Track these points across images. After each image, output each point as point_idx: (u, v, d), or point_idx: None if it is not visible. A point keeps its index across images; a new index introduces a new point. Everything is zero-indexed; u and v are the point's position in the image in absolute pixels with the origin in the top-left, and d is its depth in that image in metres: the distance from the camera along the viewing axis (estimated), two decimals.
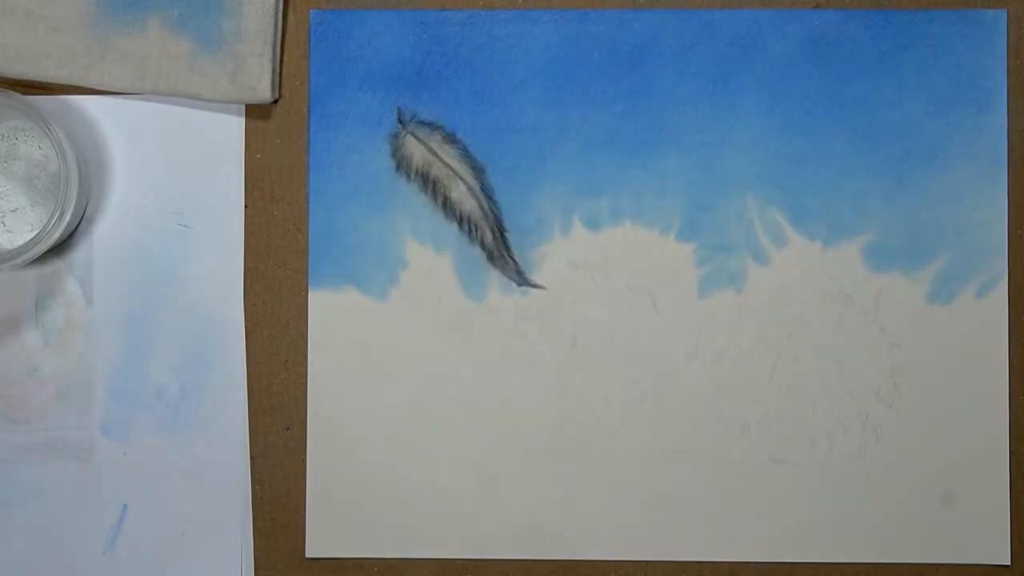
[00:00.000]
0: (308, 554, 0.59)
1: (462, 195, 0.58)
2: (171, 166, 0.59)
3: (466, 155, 0.58)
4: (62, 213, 0.55)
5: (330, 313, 0.58)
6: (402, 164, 0.58)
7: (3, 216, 0.58)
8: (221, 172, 0.59)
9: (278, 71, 0.58)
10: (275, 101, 0.58)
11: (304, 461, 0.58)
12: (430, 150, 0.58)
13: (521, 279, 0.58)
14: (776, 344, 0.58)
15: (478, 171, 0.58)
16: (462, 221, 0.58)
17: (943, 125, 0.58)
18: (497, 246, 0.58)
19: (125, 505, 0.59)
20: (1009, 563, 0.58)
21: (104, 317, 0.59)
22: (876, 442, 0.58)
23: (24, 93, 0.57)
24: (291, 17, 0.58)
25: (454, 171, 0.58)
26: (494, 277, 0.58)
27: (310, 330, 0.58)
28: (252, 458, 0.59)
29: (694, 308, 0.58)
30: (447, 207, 0.58)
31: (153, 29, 0.57)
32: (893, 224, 0.58)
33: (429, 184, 0.58)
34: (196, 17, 0.57)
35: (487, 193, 0.58)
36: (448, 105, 0.58)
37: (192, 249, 0.59)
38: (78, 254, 0.59)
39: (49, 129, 0.55)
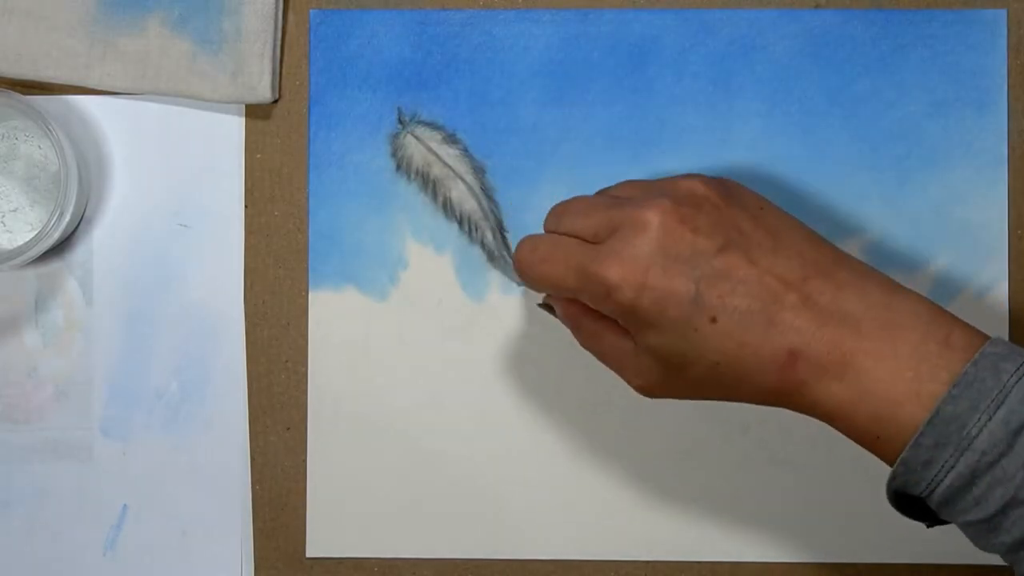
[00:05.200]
0: (308, 554, 0.59)
1: (462, 195, 0.58)
2: (171, 166, 0.59)
3: (466, 155, 0.58)
4: (62, 213, 0.55)
5: (330, 313, 0.58)
6: (402, 164, 0.58)
7: (3, 216, 0.58)
8: (221, 172, 0.59)
9: (278, 71, 0.58)
10: (275, 101, 0.58)
11: (304, 461, 0.58)
12: (430, 150, 0.58)
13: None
14: None
15: (478, 171, 0.58)
16: (462, 221, 0.58)
17: (943, 125, 0.58)
18: (497, 246, 0.58)
19: (125, 505, 0.59)
20: None
21: (104, 317, 0.59)
22: None
23: (24, 93, 0.57)
24: (291, 17, 0.58)
25: (454, 171, 0.58)
26: (494, 277, 0.58)
27: (310, 330, 0.58)
28: (252, 458, 0.59)
29: None
30: (447, 207, 0.58)
31: (153, 29, 0.57)
32: (893, 224, 0.58)
33: (429, 184, 0.58)
34: (196, 17, 0.57)
35: (487, 193, 0.58)
36: (448, 105, 0.58)
37: (192, 249, 0.59)
38: (78, 254, 0.59)
39: (49, 129, 0.55)
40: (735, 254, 0.45)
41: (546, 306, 0.53)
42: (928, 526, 0.46)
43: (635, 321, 0.46)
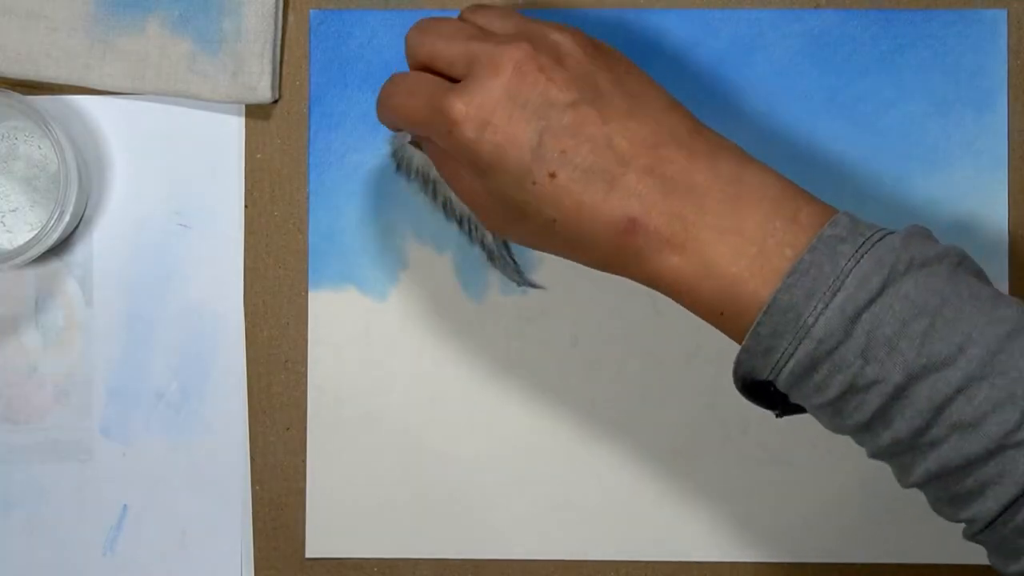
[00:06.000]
0: (308, 554, 0.59)
1: None
2: (171, 166, 0.59)
3: None
4: (62, 213, 0.55)
5: (330, 313, 0.58)
6: (402, 164, 0.58)
7: (3, 216, 0.58)
8: (221, 172, 0.59)
9: (278, 71, 0.58)
10: (275, 101, 0.58)
11: (304, 461, 0.58)
12: None
13: (521, 279, 0.58)
14: None
15: None
16: (462, 221, 0.58)
17: (943, 125, 0.58)
18: (497, 246, 0.58)
19: (125, 505, 0.59)
20: None
21: (104, 317, 0.59)
22: None
23: (24, 93, 0.57)
24: (291, 17, 0.58)
25: None
26: (494, 277, 0.58)
27: (310, 330, 0.58)
28: (252, 458, 0.59)
29: None
30: (447, 207, 0.58)
31: (153, 29, 0.57)
32: (893, 224, 0.58)
33: (429, 184, 0.58)
34: (196, 17, 0.57)
35: None
36: None
37: (192, 249, 0.59)
38: (78, 254, 0.59)
39: (49, 129, 0.55)
40: (586, 111, 0.44)
41: (415, 143, 0.53)
42: (777, 415, 0.46)
43: (475, 162, 0.45)
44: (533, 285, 0.58)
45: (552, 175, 0.44)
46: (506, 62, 0.44)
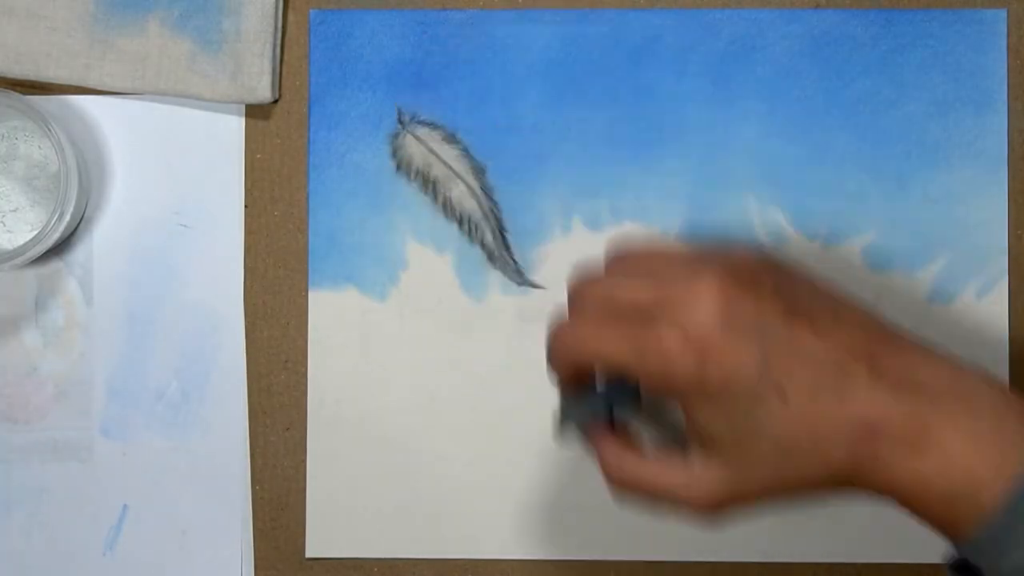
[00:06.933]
0: (308, 554, 0.59)
1: (462, 195, 0.58)
2: (171, 166, 0.59)
3: (466, 155, 0.58)
4: (62, 213, 0.55)
5: (330, 313, 0.58)
6: (402, 164, 0.58)
7: (3, 216, 0.58)
8: (221, 172, 0.59)
9: (278, 71, 0.58)
10: (275, 101, 0.58)
11: (304, 461, 0.58)
12: (430, 150, 0.58)
13: (521, 279, 0.58)
14: None
15: (478, 171, 0.58)
16: (462, 221, 0.58)
17: (943, 125, 0.58)
18: (497, 246, 0.58)
19: (125, 505, 0.59)
20: None
21: (104, 317, 0.59)
22: None
23: (24, 93, 0.57)
24: (291, 17, 0.58)
25: (454, 171, 0.58)
26: (494, 277, 0.58)
27: (310, 330, 0.58)
28: (252, 458, 0.59)
29: None
30: (447, 207, 0.58)
31: (153, 29, 0.57)
32: (893, 224, 0.58)
33: (429, 184, 0.58)
34: (196, 17, 0.57)
35: (487, 193, 0.58)
36: (448, 105, 0.58)
37: (192, 249, 0.59)
38: (78, 254, 0.59)
39: (49, 129, 0.55)
40: (799, 323, 0.43)
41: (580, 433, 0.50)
42: None
43: (695, 396, 0.43)
44: (533, 285, 0.58)
45: (780, 391, 0.42)
46: (708, 286, 0.43)
